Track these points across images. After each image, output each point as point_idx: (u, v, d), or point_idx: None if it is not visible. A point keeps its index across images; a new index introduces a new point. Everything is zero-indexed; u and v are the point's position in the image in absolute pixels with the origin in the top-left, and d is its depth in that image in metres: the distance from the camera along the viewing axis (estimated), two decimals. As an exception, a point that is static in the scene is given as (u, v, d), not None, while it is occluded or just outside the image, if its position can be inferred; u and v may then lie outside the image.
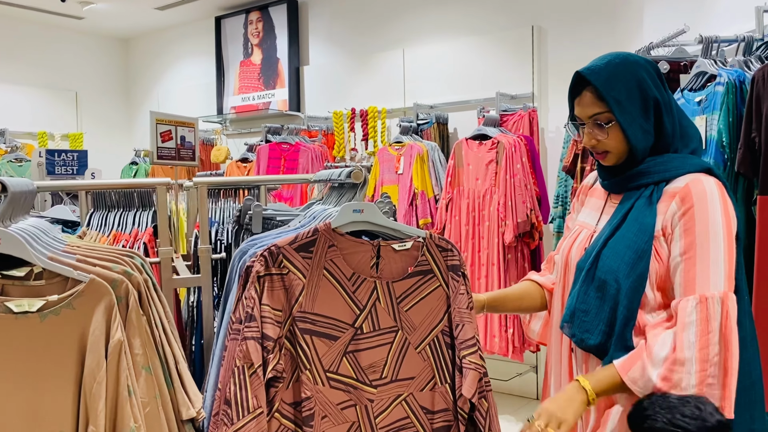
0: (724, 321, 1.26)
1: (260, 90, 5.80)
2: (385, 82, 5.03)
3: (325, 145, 5.04)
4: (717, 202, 1.33)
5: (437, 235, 1.35)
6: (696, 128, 1.50)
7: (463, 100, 4.57)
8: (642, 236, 1.35)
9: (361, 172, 1.33)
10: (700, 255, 1.30)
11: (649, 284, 1.35)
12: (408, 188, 4.28)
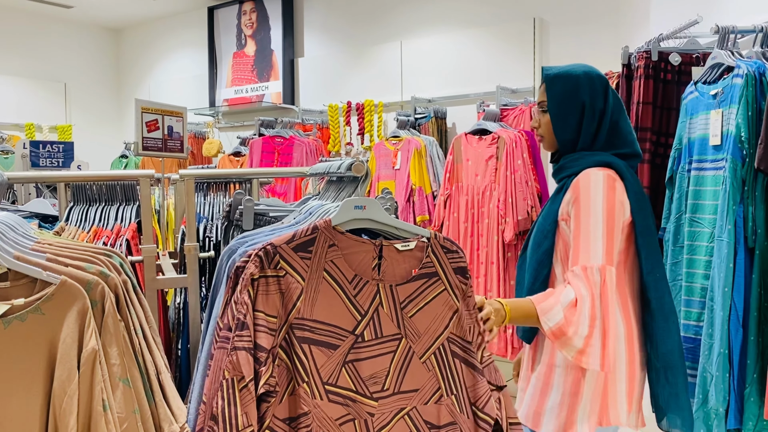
0: (602, 288, 1.49)
1: (254, 82, 5.66)
2: (382, 75, 4.91)
3: (320, 140, 4.92)
4: (599, 191, 1.58)
5: (442, 235, 1.24)
6: (632, 135, 1.73)
7: (462, 94, 4.45)
8: (547, 220, 1.68)
9: (362, 165, 1.22)
10: (583, 234, 1.56)
11: (555, 259, 1.67)
12: (405, 184, 4.16)
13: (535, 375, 1.71)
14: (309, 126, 5.04)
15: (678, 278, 2.30)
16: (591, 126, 1.68)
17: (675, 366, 1.62)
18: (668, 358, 1.61)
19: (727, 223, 1.97)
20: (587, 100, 1.67)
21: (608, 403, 1.59)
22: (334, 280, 1.16)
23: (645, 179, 2.53)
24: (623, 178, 1.64)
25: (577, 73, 1.71)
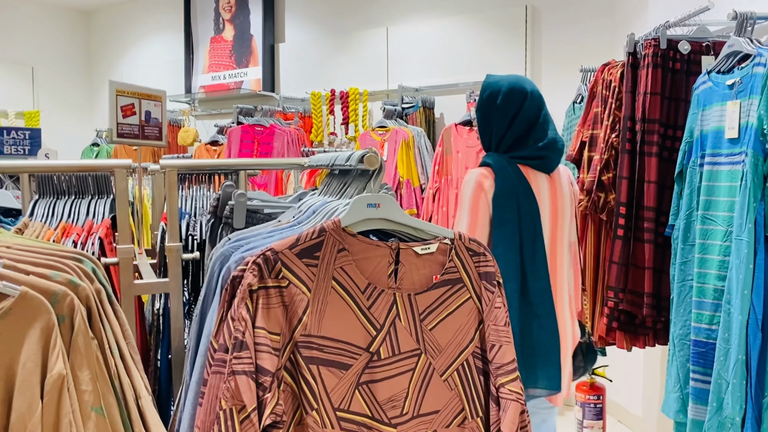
0: None
1: (232, 68, 5.44)
2: (367, 62, 4.74)
3: (302, 129, 4.73)
4: (469, 186, 1.90)
5: (467, 235, 1.09)
6: (537, 138, 1.97)
7: (451, 84, 4.30)
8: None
9: (376, 157, 1.06)
10: (456, 224, 1.94)
11: None
12: (392, 176, 4.00)
13: None
14: (290, 114, 4.85)
15: (688, 278, 2.18)
16: (498, 132, 1.97)
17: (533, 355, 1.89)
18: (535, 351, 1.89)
19: (747, 222, 1.85)
20: (501, 110, 1.94)
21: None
22: (344, 291, 1.00)
23: (652, 174, 2.40)
24: (497, 177, 1.90)
25: (501, 84, 2.01)
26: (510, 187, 1.89)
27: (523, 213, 1.90)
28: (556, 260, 2.03)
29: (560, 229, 2.04)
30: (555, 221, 2.02)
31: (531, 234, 1.90)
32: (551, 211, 2.00)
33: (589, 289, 2.71)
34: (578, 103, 3.16)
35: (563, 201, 2.04)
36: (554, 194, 2.02)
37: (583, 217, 2.74)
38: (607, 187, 2.59)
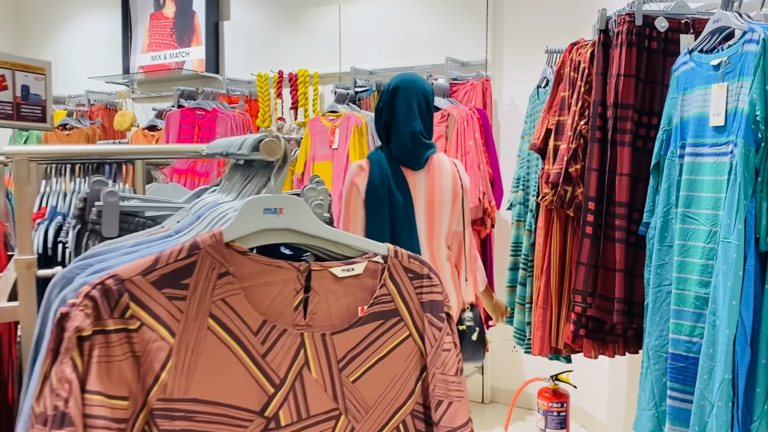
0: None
1: (173, 47, 5.05)
2: (318, 42, 4.41)
3: (248, 113, 4.39)
4: (346, 181, 2.09)
5: (406, 252, 0.81)
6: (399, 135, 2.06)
7: (408, 66, 4.01)
8: None
9: (277, 144, 0.77)
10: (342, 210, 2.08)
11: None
12: (344, 166, 3.70)
13: None
14: (235, 98, 4.50)
15: (666, 283, 1.95)
16: (378, 127, 2.16)
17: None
18: None
19: (735, 222, 1.62)
20: (378, 108, 2.14)
21: None
22: (227, 333, 0.70)
23: (625, 165, 2.16)
24: (371, 171, 2.04)
25: (389, 84, 2.15)
26: (381, 180, 2.01)
27: (396, 204, 2.01)
28: (434, 250, 2.12)
29: (437, 220, 2.11)
30: (431, 212, 2.10)
31: (404, 225, 2.01)
32: (427, 202, 2.09)
33: (554, 292, 2.47)
34: (543, 88, 2.91)
35: (441, 193, 2.11)
36: (431, 186, 2.10)
37: (548, 212, 2.49)
38: (575, 180, 2.35)
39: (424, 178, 2.09)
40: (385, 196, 2.00)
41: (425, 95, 2.10)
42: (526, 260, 2.71)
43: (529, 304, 2.65)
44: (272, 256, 0.76)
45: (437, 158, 2.15)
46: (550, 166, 2.42)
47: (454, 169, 2.18)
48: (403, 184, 2.04)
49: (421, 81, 2.13)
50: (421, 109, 2.08)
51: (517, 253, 2.89)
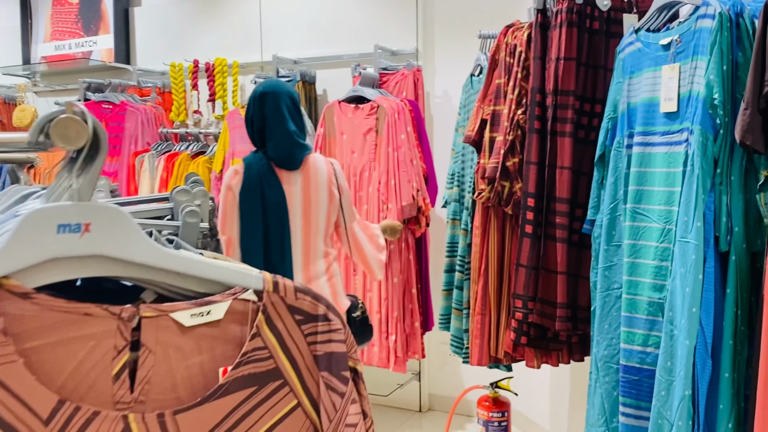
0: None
1: (79, 36, 4.61)
2: (238, 30, 4.09)
3: (161, 106, 4.03)
4: (223, 185, 2.16)
5: (293, 282, 0.56)
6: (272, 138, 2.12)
7: (335, 55, 3.75)
8: None
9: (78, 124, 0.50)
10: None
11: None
12: (265, 162, 3.41)
13: None
14: (147, 90, 4.13)
15: (615, 287, 1.77)
16: (251, 135, 2.21)
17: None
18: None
19: (694, 219, 1.44)
20: (248, 114, 2.18)
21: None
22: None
23: (566, 158, 1.98)
24: (244, 173, 2.11)
25: (255, 91, 2.19)
26: (255, 182, 2.09)
27: (269, 205, 2.09)
28: (310, 244, 2.20)
29: (314, 219, 2.19)
30: (308, 212, 2.18)
31: (278, 225, 2.10)
32: (303, 202, 2.16)
33: (493, 297, 2.27)
34: (477, 76, 2.71)
35: (317, 193, 2.18)
36: (306, 186, 2.17)
37: (485, 210, 2.29)
38: (513, 175, 2.15)
39: (300, 178, 2.17)
40: (258, 197, 2.09)
41: (291, 98, 2.19)
42: (462, 262, 2.50)
43: (466, 310, 2.45)
44: (89, 293, 0.49)
45: (312, 158, 2.21)
46: (485, 160, 2.21)
47: (330, 168, 2.23)
48: (276, 185, 2.12)
49: (285, 85, 2.25)
50: (291, 111, 2.16)
51: (453, 254, 2.68)
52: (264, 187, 2.09)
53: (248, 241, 2.09)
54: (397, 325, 3.12)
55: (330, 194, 2.19)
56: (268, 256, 2.08)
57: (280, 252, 2.10)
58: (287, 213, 2.12)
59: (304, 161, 2.18)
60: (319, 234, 2.20)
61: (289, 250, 2.12)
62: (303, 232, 2.18)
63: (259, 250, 2.07)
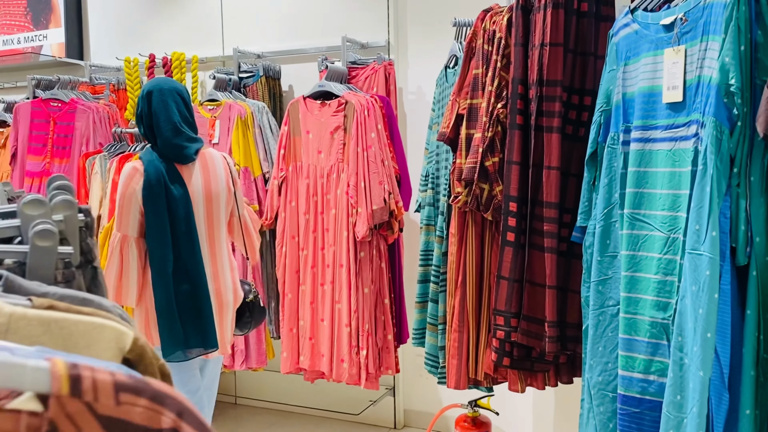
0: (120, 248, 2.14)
1: (28, 30, 4.30)
2: (198, 22, 3.82)
3: (115, 104, 3.74)
4: (120, 182, 2.16)
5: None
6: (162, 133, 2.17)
7: (300, 49, 3.50)
8: None
9: None
10: (116, 209, 2.21)
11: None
12: (225, 163, 3.15)
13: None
14: (100, 87, 3.83)
15: (610, 304, 1.54)
16: (143, 133, 2.24)
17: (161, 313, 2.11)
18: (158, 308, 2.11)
19: (708, 228, 1.22)
20: (137, 112, 2.21)
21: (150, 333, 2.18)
22: None
23: (553, 157, 1.75)
24: (145, 171, 2.11)
25: (141, 92, 2.23)
26: (157, 178, 2.10)
27: (173, 199, 2.11)
28: (215, 235, 2.26)
29: (216, 211, 2.26)
30: (210, 204, 2.24)
31: (183, 217, 2.13)
32: (204, 195, 2.22)
33: (471, 312, 2.04)
34: (452, 68, 2.48)
35: (217, 185, 2.26)
36: (207, 179, 2.23)
37: (462, 215, 2.06)
38: (492, 176, 1.92)
39: (199, 171, 2.22)
40: (162, 193, 2.11)
41: (179, 93, 2.24)
42: (437, 272, 2.27)
43: (442, 326, 2.21)
44: None
45: (208, 152, 2.29)
46: (462, 160, 1.98)
47: (225, 162, 2.33)
48: (178, 179, 2.15)
49: (172, 81, 2.27)
50: (179, 106, 2.20)
51: (428, 263, 2.44)
52: (167, 184, 2.12)
53: (157, 239, 2.12)
54: (369, 339, 2.88)
55: (227, 186, 2.29)
56: (177, 252, 2.13)
57: (190, 246, 2.15)
58: (191, 207, 2.17)
59: (199, 155, 2.24)
60: (221, 226, 2.29)
61: (198, 244, 2.17)
62: (207, 225, 2.25)
63: (168, 246, 2.11)
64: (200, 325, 2.15)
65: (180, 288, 2.13)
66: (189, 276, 2.14)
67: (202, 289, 2.16)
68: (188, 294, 2.14)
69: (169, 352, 2.11)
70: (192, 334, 2.14)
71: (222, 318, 2.26)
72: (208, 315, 2.17)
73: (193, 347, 2.15)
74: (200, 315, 2.15)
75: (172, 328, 2.11)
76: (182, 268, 2.13)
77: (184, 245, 2.13)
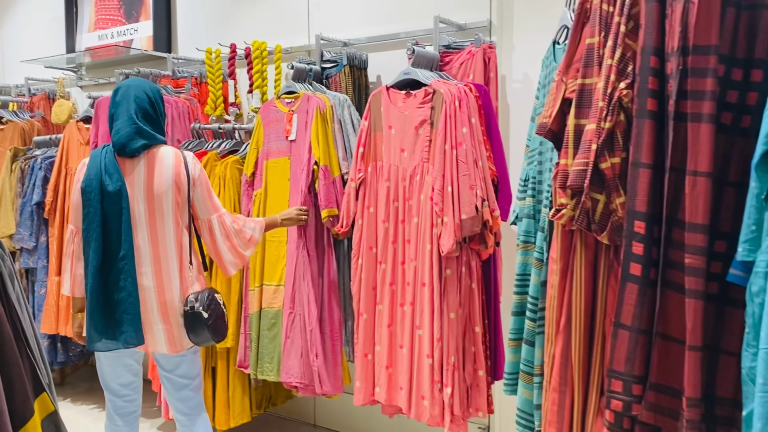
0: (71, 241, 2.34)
1: (120, 24, 4.20)
2: (284, 10, 3.51)
3: (196, 99, 3.51)
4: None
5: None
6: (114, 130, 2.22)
7: (390, 34, 3.08)
8: None
9: None
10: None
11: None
12: (306, 163, 2.80)
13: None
14: (183, 80, 3.62)
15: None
16: (108, 124, 2.29)
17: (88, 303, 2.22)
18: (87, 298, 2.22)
19: None
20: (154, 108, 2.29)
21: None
22: None
23: (701, 158, 1.20)
24: (88, 166, 2.22)
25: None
26: (96, 170, 2.17)
27: (106, 194, 2.15)
28: (157, 239, 2.24)
29: (158, 208, 2.23)
30: (151, 201, 2.22)
31: (115, 214, 2.16)
32: (146, 191, 2.21)
33: (578, 367, 1.51)
34: (561, 43, 1.95)
35: (161, 183, 2.22)
36: (150, 175, 2.21)
37: (567, 236, 1.54)
38: (611, 183, 1.39)
39: (143, 167, 2.22)
40: (97, 186, 2.16)
41: (146, 93, 2.24)
42: (534, 306, 1.76)
43: (538, 378, 1.70)
44: None
45: (160, 150, 2.26)
46: (568, 160, 1.47)
47: (179, 159, 2.27)
48: (116, 174, 2.17)
49: (143, 81, 2.29)
50: (141, 102, 2.22)
51: (524, 291, 1.93)
52: (103, 177, 2.16)
53: (87, 231, 2.17)
54: (455, 375, 2.40)
55: (176, 184, 2.23)
56: (107, 246, 2.16)
57: (118, 241, 2.16)
58: (127, 202, 2.17)
59: (148, 151, 2.23)
60: (168, 223, 2.25)
61: (129, 241, 2.17)
62: (148, 221, 2.23)
63: (97, 239, 2.14)
64: (121, 319, 2.19)
65: (107, 280, 2.18)
66: (117, 270, 2.17)
67: (128, 284, 2.18)
68: (113, 287, 2.18)
69: (90, 341, 2.21)
70: (111, 326, 2.18)
71: (165, 316, 2.27)
72: (130, 310, 2.18)
73: (110, 339, 2.20)
74: (122, 309, 2.18)
75: (92, 318, 2.18)
76: (111, 262, 2.17)
77: (114, 241, 2.17)
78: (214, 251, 2.37)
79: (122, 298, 2.17)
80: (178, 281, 2.28)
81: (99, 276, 2.16)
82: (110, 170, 2.17)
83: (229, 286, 2.97)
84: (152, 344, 2.28)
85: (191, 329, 2.29)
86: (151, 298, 2.24)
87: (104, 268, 2.17)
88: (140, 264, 2.22)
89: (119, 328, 2.19)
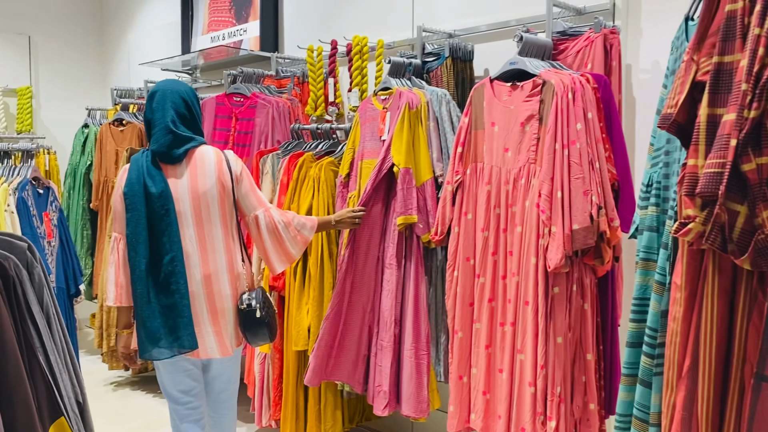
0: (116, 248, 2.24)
1: (231, 25, 4.22)
2: (387, 3, 3.32)
3: (297, 98, 3.42)
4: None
5: None
6: (153, 134, 2.22)
7: (498, 22, 2.81)
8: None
9: None
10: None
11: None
12: (381, 161, 2.60)
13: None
14: (285, 80, 3.54)
15: None
16: (146, 130, 2.29)
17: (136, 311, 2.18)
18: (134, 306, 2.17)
19: None
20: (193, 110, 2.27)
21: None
22: None
23: None
24: (129, 170, 2.18)
25: (149, 92, 2.29)
26: (137, 176, 2.15)
27: (151, 198, 2.13)
28: (205, 238, 2.21)
29: (205, 209, 2.21)
30: (197, 202, 2.19)
31: (162, 217, 2.13)
32: (191, 193, 2.19)
33: (703, 422, 1.18)
34: (694, 20, 1.60)
35: (204, 183, 2.19)
36: (193, 177, 2.19)
37: (695, 256, 1.21)
38: (756, 191, 1.06)
39: (185, 168, 2.20)
40: (140, 188, 2.13)
41: (182, 96, 2.22)
42: (653, 340, 1.43)
43: (655, 428, 1.37)
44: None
45: (199, 150, 2.23)
46: (698, 161, 1.14)
47: (220, 157, 2.25)
48: (159, 178, 2.15)
49: (177, 83, 2.27)
50: (178, 107, 2.20)
51: (642, 319, 1.60)
52: (145, 179, 2.14)
53: (132, 236, 2.13)
54: (561, 407, 2.09)
55: (220, 183, 2.22)
56: (154, 248, 2.12)
57: (168, 244, 2.13)
58: (172, 203, 2.14)
59: (189, 154, 2.21)
60: (216, 223, 2.22)
61: (178, 242, 2.14)
62: (195, 224, 2.20)
63: (143, 243, 2.11)
64: (175, 324, 2.13)
65: (156, 284, 2.13)
66: (167, 273, 2.13)
67: (180, 286, 2.14)
68: (163, 291, 2.13)
69: (142, 350, 2.15)
70: (164, 333, 2.13)
71: (215, 318, 2.22)
72: (185, 313, 2.13)
73: (165, 347, 2.14)
74: (175, 313, 2.13)
75: (143, 325, 2.13)
76: (160, 265, 2.13)
77: (163, 244, 2.13)
78: (261, 247, 2.32)
79: (175, 301, 2.12)
80: (227, 281, 2.24)
81: (148, 280, 2.12)
82: (152, 173, 2.14)
83: (321, 293, 2.82)
84: (203, 350, 2.21)
85: (248, 328, 2.24)
86: (200, 301, 2.19)
87: (153, 272, 2.13)
88: (189, 266, 2.17)
89: (174, 334, 2.13)
